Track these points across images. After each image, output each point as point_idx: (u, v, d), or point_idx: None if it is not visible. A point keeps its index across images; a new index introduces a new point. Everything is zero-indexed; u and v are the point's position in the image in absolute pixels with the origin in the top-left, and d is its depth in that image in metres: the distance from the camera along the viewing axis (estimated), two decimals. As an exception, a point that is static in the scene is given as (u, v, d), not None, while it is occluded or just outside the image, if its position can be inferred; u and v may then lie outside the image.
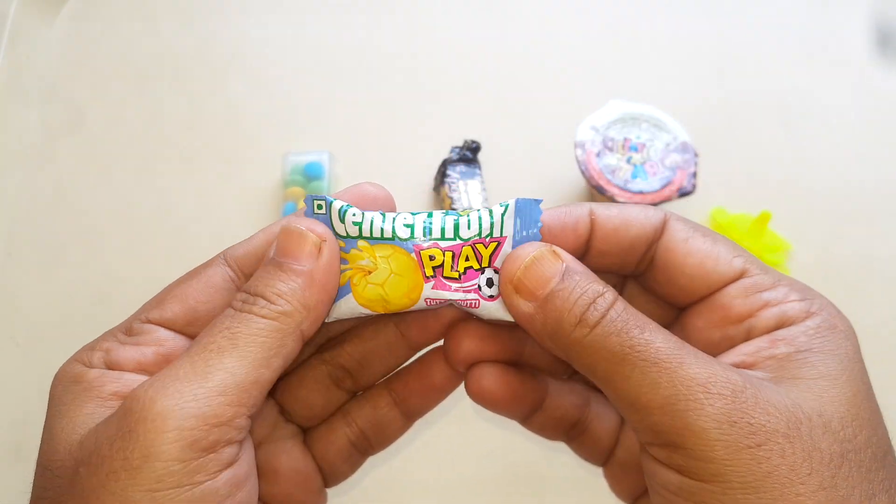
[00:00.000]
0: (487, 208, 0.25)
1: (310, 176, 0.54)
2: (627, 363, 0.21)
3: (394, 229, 0.24)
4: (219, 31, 0.62)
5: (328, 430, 0.29)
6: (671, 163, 0.51)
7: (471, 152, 0.55)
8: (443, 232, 0.25)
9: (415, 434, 0.48)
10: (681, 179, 0.51)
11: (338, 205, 0.24)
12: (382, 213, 0.25)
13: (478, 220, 0.25)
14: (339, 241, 0.25)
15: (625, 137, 0.52)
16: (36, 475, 0.22)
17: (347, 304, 0.25)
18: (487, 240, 0.25)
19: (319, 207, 0.25)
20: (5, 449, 0.48)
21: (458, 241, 0.25)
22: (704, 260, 0.25)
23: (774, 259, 0.52)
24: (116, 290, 0.52)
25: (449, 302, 0.25)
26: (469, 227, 0.25)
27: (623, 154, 0.51)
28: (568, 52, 0.61)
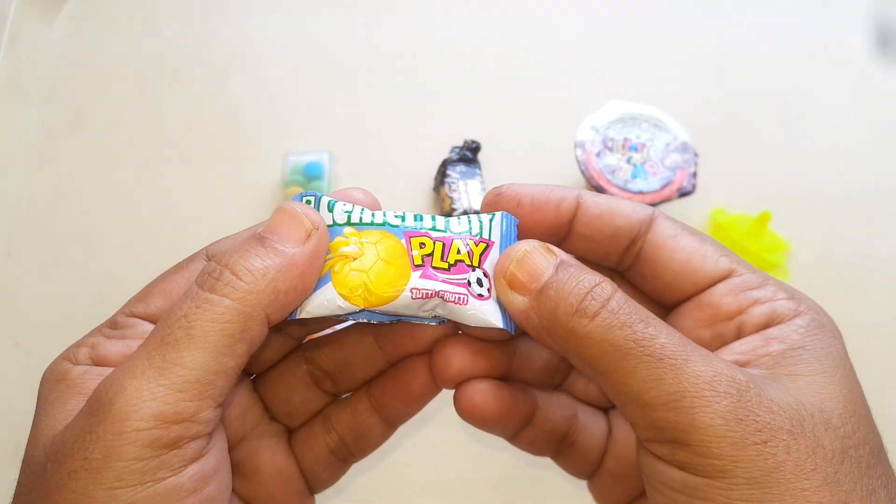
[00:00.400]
0: (477, 215, 0.25)
1: (310, 176, 0.54)
2: (631, 358, 0.21)
3: (384, 216, 0.24)
4: (219, 31, 0.62)
5: (308, 435, 0.28)
6: (671, 163, 0.51)
7: (471, 152, 0.55)
8: (434, 223, 0.24)
9: (411, 434, 0.49)
10: (681, 179, 0.51)
11: (326, 199, 0.24)
12: (373, 212, 0.24)
13: (468, 220, 0.25)
14: None
15: (625, 137, 0.52)
16: (21, 472, 0.22)
17: (324, 294, 0.23)
18: (478, 238, 0.25)
19: (308, 203, 0.24)
20: (5, 449, 0.48)
21: (450, 233, 0.24)
22: (692, 257, 0.25)
23: (774, 259, 0.51)
24: (116, 290, 0.52)
25: (436, 294, 0.24)
26: (460, 223, 0.25)
27: (623, 154, 0.51)
28: (568, 52, 0.61)
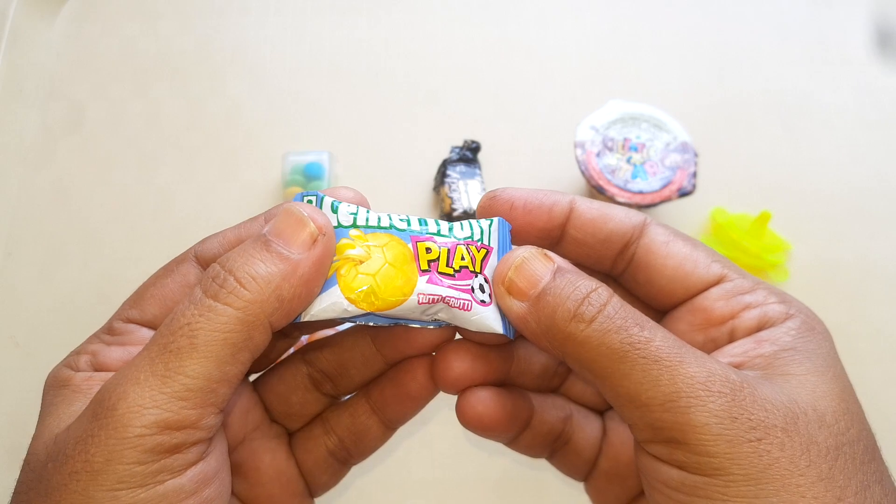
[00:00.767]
0: (476, 220, 0.25)
1: (310, 176, 0.54)
2: (627, 360, 0.21)
3: (390, 219, 0.24)
4: (219, 31, 0.62)
5: (307, 438, 0.28)
6: (671, 163, 0.51)
7: (471, 152, 0.55)
8: (438, 228, 0.25)
9: (411, 435, 0.49)
10: (681, 179, 0.50)
11: (329, 199, 0.24)
12: (379, 214, 0.24)
13: (469, 225, 0.25)
14: None
15: (625, 137, 0.52)
16: (22, 471, 0.22)
17: (330, 297, 0.23)
18: (479, 244, 0.25)
19: (310, 202, 0.24)
20: (4, 449, 0.48)
21: (454, 239, 0.25)
22: (683, 262, 0.25)
23: (774, 259, 0.51)
24: (116, 290, 0.52)
25: (442, 300, 0.24)
26: (462, 229, 0.25)
27: (623, 154, 0.51)
28: (568, 52, 0.61)
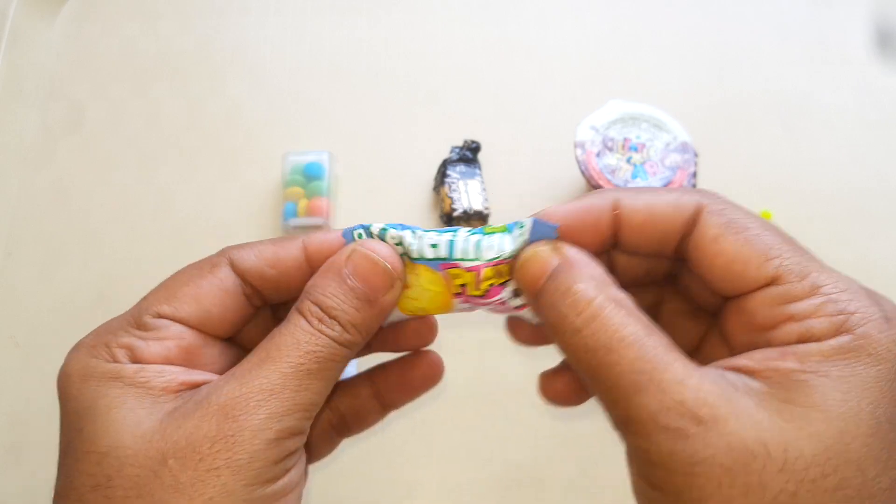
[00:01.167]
0: (509, 228, 0.26)
1: (310, 176, 0.54)
2: (596, 379, 0.22)
3: (422, 250, 0.26)
4: (219, 31, 0.62)
5: None
6: (671, 163, 0.51)
7: (471, 152, 0.55)
8: (465, 253, 0.26)
9: (413, 434, 0.49)
10: (681, 179, 0.50)
11: (376, 229, 0.26)
12: (413, 230, 0.26)
13: (504, 242, 0.26)
14: None
15: (625, 137, 0.52)
16: (88, 463, 0.23)
17: (395, 316, 0.27)
18: (508, 260, 0.26)
19: (360, 235, 0.26)
20: (5, 448, 0.48)
21: (479, 261, 0.26)
22: (732, 263, 0.23)
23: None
24: (116, 290, 0.52)
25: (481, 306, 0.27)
26: (491, 248, 0.26)
27: (623, 154, 0.51)
28: (568, 52, 0.61)
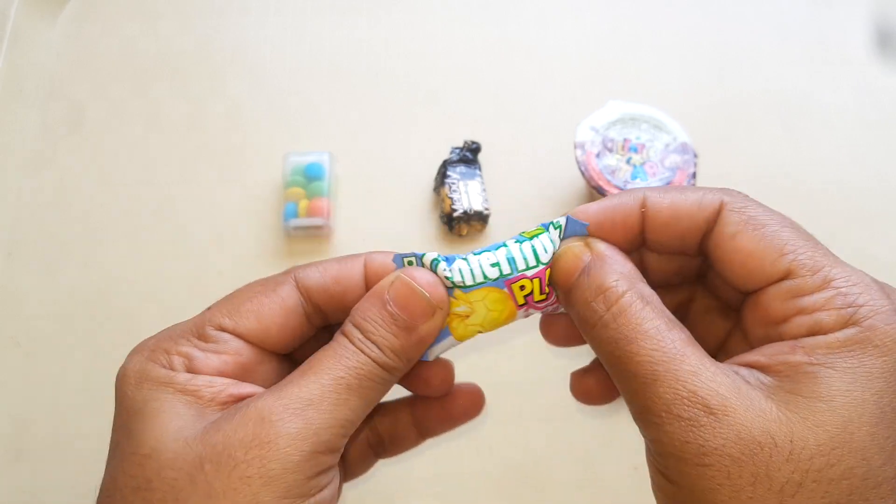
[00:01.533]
0: (547, 227, 0.26)
1: (310, 176, 0.54)
2: (616, 371, 0.23)
3: (483, 272, 0.26)
4: (219, 31, 0.62)
5: (355, 431, 0.30)
6: (671, 163, 0.51)
7: (471, 153, 0.55)
8: (526, 262, 0.26)
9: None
10: (680, 180, 0.51)
11: (428, 259, 0.26)
12: (465, 258, 0.26)
13: (550, 242, 0.26)
14: None
15: (624, 138, 0.52)
16: (131, 465, 0.23)
17: (447, 344, 0.27)
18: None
19: (410, 263, 0.26)
20: (5, 449, 0.48)
21: (540, 266, 0.26)
22: (748, 259, 0.24)
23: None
24: (116, 290, 0.52)
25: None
26: (545, 251, 0.26)
27: (623, 155, 0.51)
28: (568, 53, 0.61)
